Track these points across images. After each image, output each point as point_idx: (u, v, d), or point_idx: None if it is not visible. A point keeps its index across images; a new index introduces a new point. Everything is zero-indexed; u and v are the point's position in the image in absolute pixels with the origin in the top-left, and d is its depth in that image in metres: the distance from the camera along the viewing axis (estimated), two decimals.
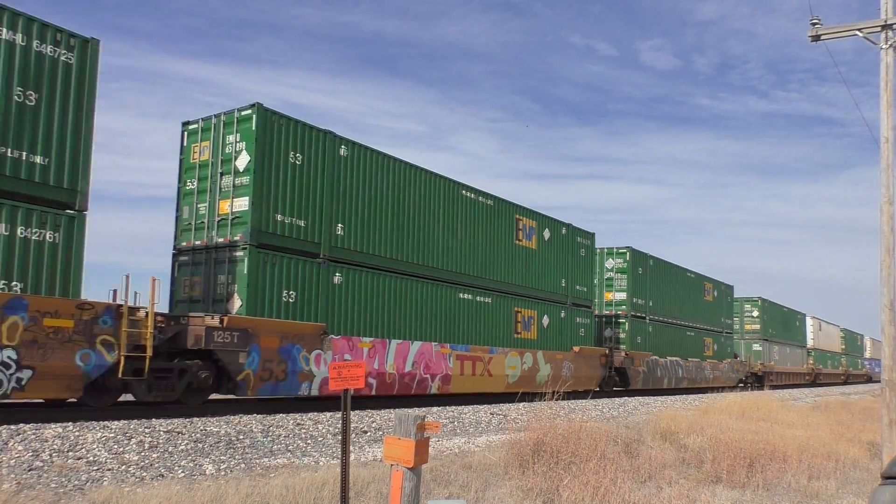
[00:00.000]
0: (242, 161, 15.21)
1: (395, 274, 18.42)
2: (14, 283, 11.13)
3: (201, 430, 11.06)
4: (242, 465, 9.37)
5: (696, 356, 36.89)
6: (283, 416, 13.45)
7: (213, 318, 13.98)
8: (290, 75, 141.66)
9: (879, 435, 14.59)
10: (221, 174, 15.58)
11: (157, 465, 8.96)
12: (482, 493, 8.73)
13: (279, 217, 15.52)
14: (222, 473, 8.79)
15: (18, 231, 11.16)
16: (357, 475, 8.40)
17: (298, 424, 12.58)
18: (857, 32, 14.95)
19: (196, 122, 16.35)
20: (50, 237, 11.57)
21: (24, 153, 11.45)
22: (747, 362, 43.86)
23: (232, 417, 12.60)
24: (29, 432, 9.56)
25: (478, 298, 21.28)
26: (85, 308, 11.78)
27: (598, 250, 30.50)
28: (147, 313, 12.60)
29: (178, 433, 10.66)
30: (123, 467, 8.66)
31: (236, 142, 15.41)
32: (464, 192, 21.20)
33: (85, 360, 11.74)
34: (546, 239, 24.92)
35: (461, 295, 20.65)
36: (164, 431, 10.62)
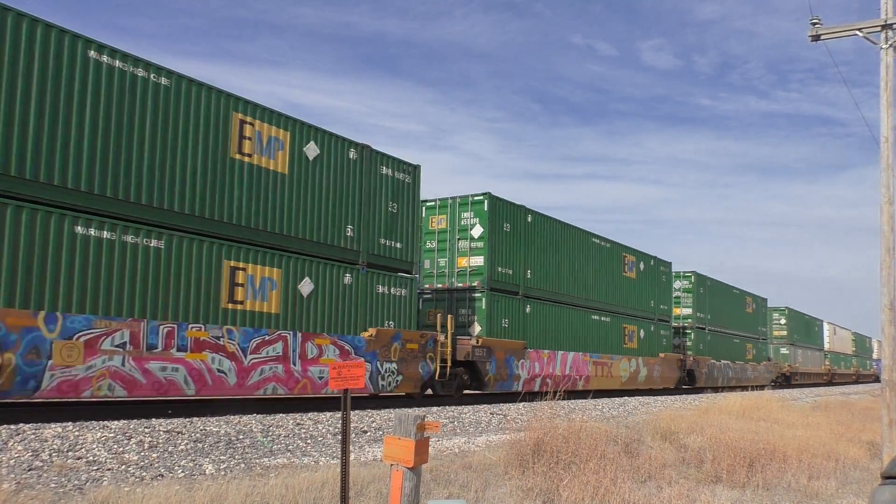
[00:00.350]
0: (477, 231, 22.58)
1: (558, 304, 25.69)
2: (391, 322, 18.20)
3: (201, 430, 11.06)
4: (242, 465, 9.37)
5: (740, 359, 44.28)
6: (283, 415, 13.45)
7: (471, 340, 21.05)
8: (290, 75, 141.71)
9: (879, 435, 14.59)
10: (458, 239, 22.79)
11: (156, 464, 8.96)
12: (482, 492, 8.73)
13: (500, 269, 22.70)
14: (222, 473, 8.79)
15: (392, 290, 18.38)
16: (357, 475, 8.40)
17: (298, 424, 12.58)
18: (857, 32, 14.94)
19: (434, 201, 23.51)
20: (404, 293, 18.79)
21: (392, 241, 18.58)
22: (777, 364, 50.71)
23: (232, 417, 12.60)
24: (29, 432, 9.56)
25: (602, 318, 28.64)
26: (423, 336, 19.00)
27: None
28: (446, 338, 19.80)
29: (178, 433, 10.66)
30: (123, 467, 8.66)
31: (471, 217, 22.70)
32: (593, 239, 28.52)
33: (423, 369, 18.82)
34: (641, 270, 32.38)
35: (592, 317, 28.03)
36: (163, 431, 10.62)
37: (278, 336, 15.02)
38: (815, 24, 15.36)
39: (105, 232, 12.22)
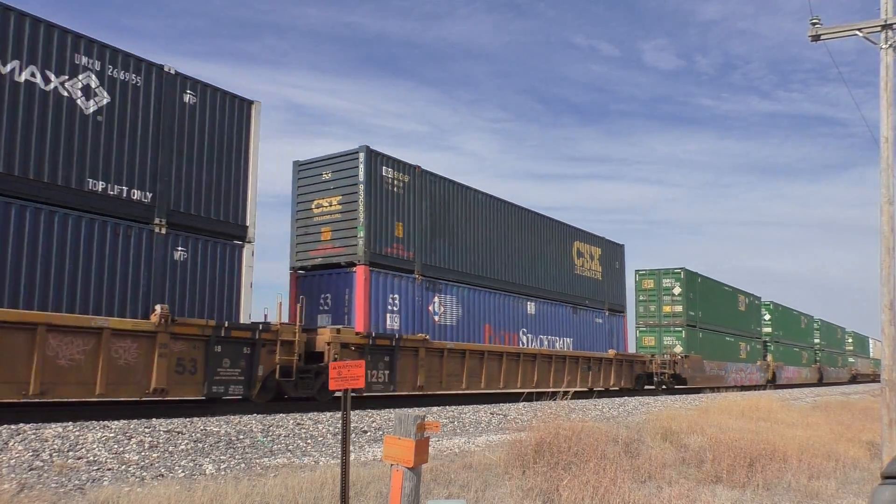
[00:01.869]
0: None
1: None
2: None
3: (201, 430, 11.06)
4: (242, 465, 9.37)
5: (837, 366, 69.52)
6: (283, 416, 13.44)
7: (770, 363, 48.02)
8: (292, 75, 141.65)
9: (879, 435, 14.58)
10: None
11: (157, 464, 8.96)
12: (482, 493, 8.73)
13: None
14: (222, 473, 8.79)
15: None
16: (357, 475, 8.40)
17: (298, 424, 12.58)
18: (857, 32, 14.93)
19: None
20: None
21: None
22: (849, 369, 75.82)
23: (232, 417, 12.60)
24: (29, 432, 9.56)
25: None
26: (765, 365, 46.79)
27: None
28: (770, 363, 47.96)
29: (179, 433, 10.66)
30: (123, 467, 8.66)
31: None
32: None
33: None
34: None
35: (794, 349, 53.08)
36: (164, 431, 10.62)
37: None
38: (815, 24, 15.35)
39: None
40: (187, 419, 11.93)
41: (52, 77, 11.76)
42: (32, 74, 11.50)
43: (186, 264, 13.31)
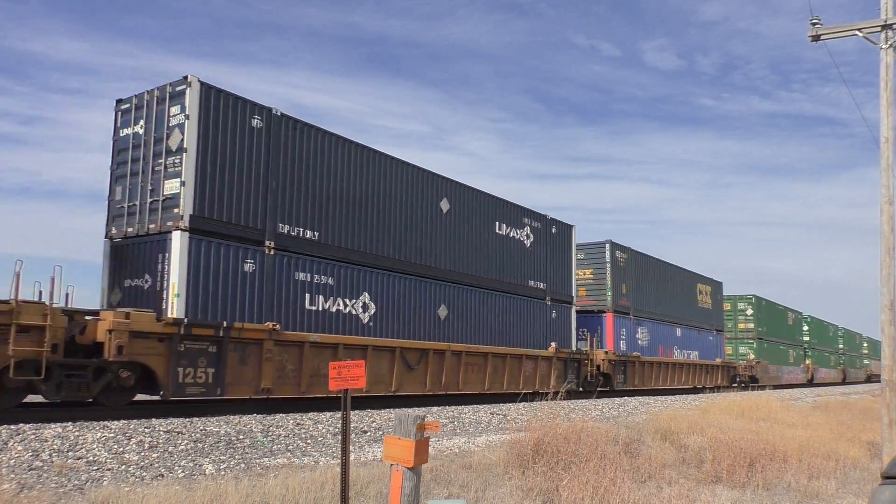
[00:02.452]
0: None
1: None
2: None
3: (201, 430, 11.06)
4: (242, 465, 9.36)
5: (856, 367, 78.57)
6: (283, 416, 13.44)
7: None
8: (293, 75, 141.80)
9: (879, 435, 14.58)
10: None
11: (156, 464, 8.96)
12: (482, 492, 8.72)
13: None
14: (222, 473, 8.78)
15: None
16: (357, 475, 8.40)
17: (298, 424, 12.58)
18: (857, 32, 14.92)
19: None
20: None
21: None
22: (865, 370, 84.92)
23: (232, 417, 12.60)
24: (29, 432, 9.56)
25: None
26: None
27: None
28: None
29: (178, 433, 10.66)
30: (123, 467, 8.66)
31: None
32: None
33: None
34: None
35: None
36: (163, 431, 10.62)
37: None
38: (815, 24, 15.34)
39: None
40: (187, 419, 11.93)
41: (518, 231, 23.30)
42: (510, 231, 22.96)
43: (556, 319, 24.83)
